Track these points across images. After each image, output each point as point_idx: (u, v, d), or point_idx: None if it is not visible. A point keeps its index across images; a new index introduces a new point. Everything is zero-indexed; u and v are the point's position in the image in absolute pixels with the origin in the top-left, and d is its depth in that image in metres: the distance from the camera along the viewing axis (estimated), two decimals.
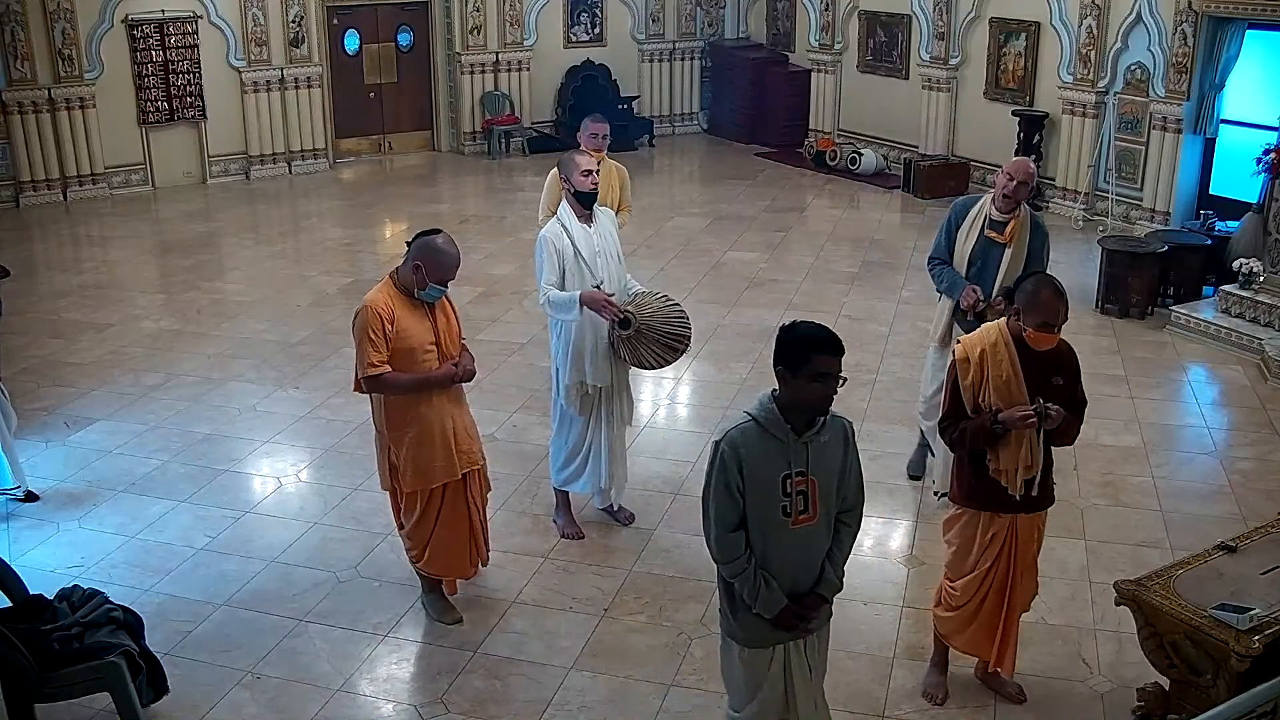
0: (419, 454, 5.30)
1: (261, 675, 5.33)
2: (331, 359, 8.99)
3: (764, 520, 3.86)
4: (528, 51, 16.48)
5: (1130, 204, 12.42)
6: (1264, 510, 6.58)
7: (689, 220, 13.23)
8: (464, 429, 5.43)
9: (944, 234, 6.46)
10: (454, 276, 5.24)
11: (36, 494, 6.90)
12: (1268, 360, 8.76)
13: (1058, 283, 4.72)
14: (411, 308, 5.22)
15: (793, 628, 3.96)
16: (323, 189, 14.90)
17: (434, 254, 5.14)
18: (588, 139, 7.44)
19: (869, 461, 7.27)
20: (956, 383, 4.80)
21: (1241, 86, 11.56)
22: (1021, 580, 4.96)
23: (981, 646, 5.08)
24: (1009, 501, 4.81)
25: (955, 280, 6.35)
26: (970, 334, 4.96)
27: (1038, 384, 4.73)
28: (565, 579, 6.12)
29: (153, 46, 14.12)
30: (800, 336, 3.82)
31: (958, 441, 4.82)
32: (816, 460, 3.88)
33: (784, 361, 3.83)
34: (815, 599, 3.98)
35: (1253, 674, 4.35)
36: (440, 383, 5.27)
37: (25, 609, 4.95)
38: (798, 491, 3.84)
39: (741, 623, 4.00)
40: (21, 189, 13.68)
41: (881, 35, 15.57)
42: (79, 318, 10.06)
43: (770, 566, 3.89)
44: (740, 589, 3.90)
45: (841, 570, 4.06)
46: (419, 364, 5.21)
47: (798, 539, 3.90)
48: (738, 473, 3.82)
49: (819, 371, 3.76)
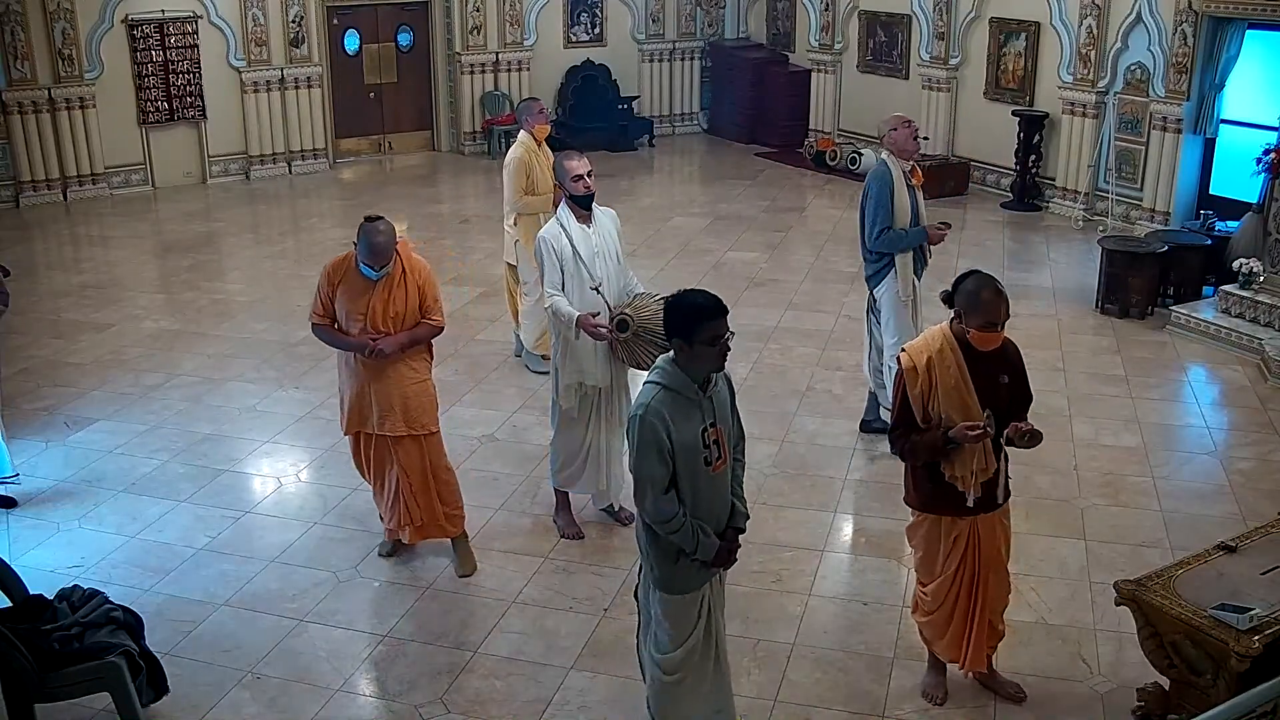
0: (342, 400, 6.10)
1: (261, 675, 5.34)
2: (331, 359, 8.89)
3: (692, 473, 4.21)
4: (528, 51, 16.48)
5: (1130, 204, 12.42)
6: (1264, 510, 6.58)
7: (689, 220, 13.23)
8: (385, 396, 5.85)
9: (888, 204, 7.06)
10: (377, 264, 5.66)
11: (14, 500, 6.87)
12: (1268, 360, 8.76)
13: (997, 281, 4.72)
14: (359, 279, 5.76)
15: (727, 563, 4.41)
16: (323, 189, 14.91)
17: (364, 237, 5.65)
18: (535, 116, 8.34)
19: (867, 462, 7.37)
20: (905, 394, 4.77)
21: (1241, 86, 11.56)
22: (991, 579, 4.94)
23: (954, 650, 5.07)
24: (966, 504, 4.81)
25: (913, 232, 7.15)
26: (914, 342, 4.94)
27: (985, 384, 4.71)
28: (565, 579, 6.12)
29: (153, 46, 14.12)
30: (688, 307, 4.17)
31: (909, 453, 4.82)
32: (719, 411, 4.31)
33: (679, 333, 4.16)
34: (734, 532, 4.40)
35: (1253, 674, 4.35)
36: (352, 349, 5.82)
37: (25, 609, 4.95)
38: (712, 442, 4.24)
39: (676, 573, 4.31)
40: (21, 189, 13.68)
41: (881, 35, 15.58)
42: (79, 318, 10.07)
43: (699, 513, 4.25)
44: (679, 542, 4.23)
45: (745, 499, 4.48)
46: (348, 328, 5.81)
47: (716, 484, 4.31)
48: (666, 437, 4.13)
49: (714, 335, 4.12)
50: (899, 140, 7.09)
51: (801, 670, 5.38)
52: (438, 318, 5.94)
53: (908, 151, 7.11)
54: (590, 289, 6.06)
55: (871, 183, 7.13)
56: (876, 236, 7.12)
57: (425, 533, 6.14)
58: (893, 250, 7.16)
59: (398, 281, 5.78)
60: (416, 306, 5.83)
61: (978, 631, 4.99)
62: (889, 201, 7.04)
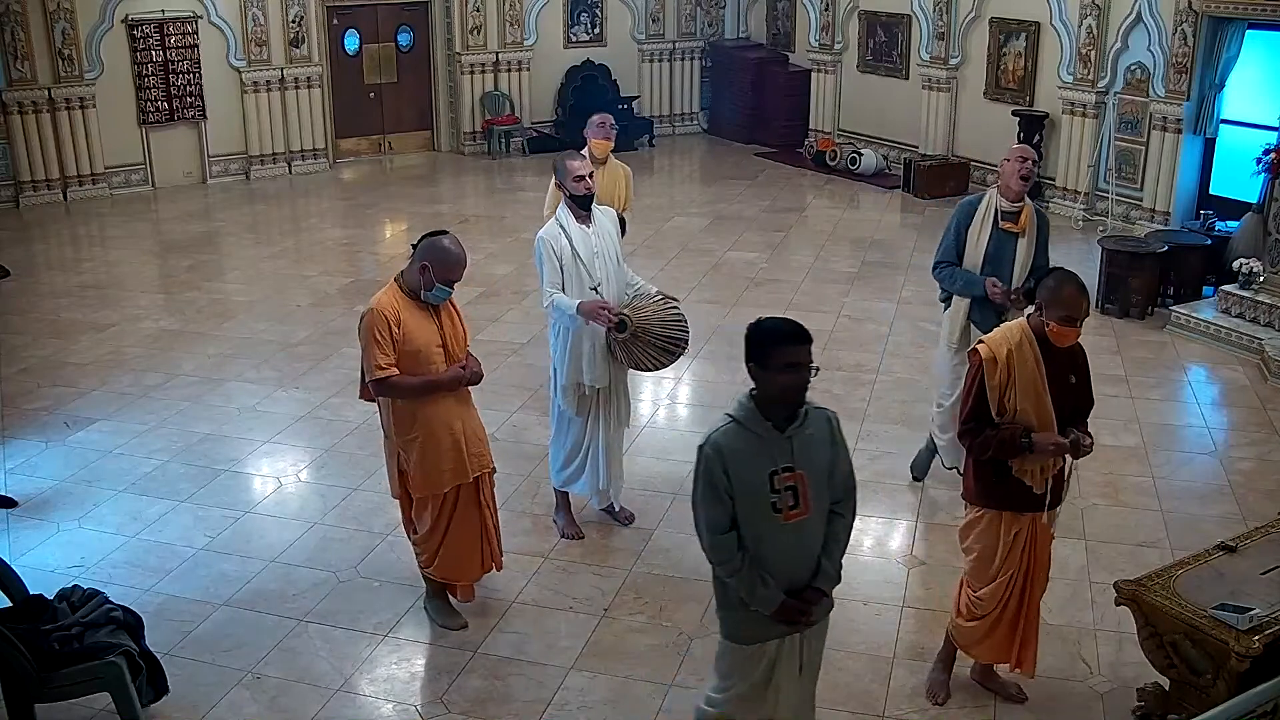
0: (427, 458, 5.27)
1: (261, 675, 5.33)
2: (331, 359, 8.99)
3: (755, 518, 3.86)
4: (528, 51, 16.48)
5: (1130, 204, 12.42)
6: (1264, 510, 6.58)
7: (689, 220, 13.23)
8: (473, 432, 5.40)
9: (952, 235, 6.42)
10: (461, 276, 5.22)
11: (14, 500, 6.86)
12: (1268, 360, 8.76)
13: (1079, 278, 4.70)
14: (418, 310, 5.19)
15: (794, 622, 3.97)
16: (323, 189, 14.91)
17: (441, 254, 5.12)
18: (594, 130, 7.41)
19: (868, 461, 7.34)
20: (982, 385, 4.72)
21: (1241, 86, 11.55)
22: (1039, 578, 4.93)
23: (1002, 652, 5.04)
24: (1031, 500, 4.78)
25: (971, 278, 6.33)
26: (992, 334, 4.88)
27: (1056, 384, 4.71)
28: (565, 579, 6.12)
29: (153, 46, 14.12)
30: (765, 331, 3.86)
31: (981, 448, 4.74)
32: (802, 454, 3.89)
33: (754, 358, 3.86)
34: (814, 593, 3.98)
35: (1253, 674, 4.35)
36: (448, 385, 5.25)
37: (25, 609, 4.95)
38: (786, 487, 3.85)
39: (738, 620, 4.00)
40: (21, 189, 13.68)
41: (881, 35, 15.57)
42: (79, 318, 10.06)
43: (766, 564, 3.89)
44: (737, 588, 3.91)
45: (839, 562, 4.05)
46: (426, 367, 5.18)
47: (791, 534, 3.90)
48: (723, 474, 3.83)
49: (788, 362, 3.79)
50: (1003, 173, 6.38)
51: None
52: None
53: (1008, 188, 6.32)
54: (589, 289, 6.05)
55: (958, 208, 6.51)
56: (934, 266, 6.51)
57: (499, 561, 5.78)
58: (947, 288, 6.51)
59: (451, 300, 5.35)
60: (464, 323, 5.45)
61: (1029, 631, 4.95)
62: (956, 232, 6.39)
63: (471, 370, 5.31)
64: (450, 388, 5.27)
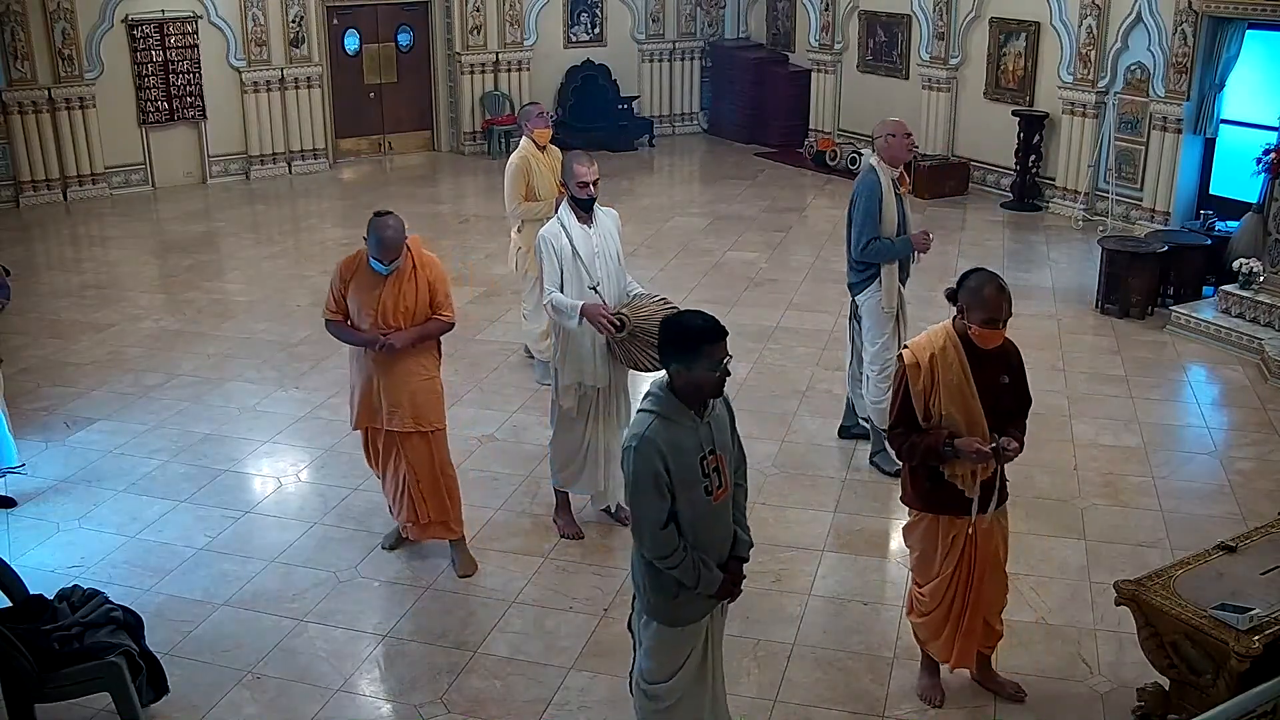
0: (353, 395, 6.08)
1: (261, 675, 5.34)
2: (332, 359, 8.98)
3: (692, 505, 4.01)
4: (528, 51, 16.47)
5: (1130, 204, 12.42)
6: (1264, 510, 6.58)
7: (689, 220, 13.23)
8: (389, 389, 5.88)
9: (876, 214, 6.90)
10: (386, 259, 5.68)
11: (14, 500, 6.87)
12: (1268, 360, 8.76)
13: (1000, 278, 4.70)
14: (370, 274, 5.80)
15: (731, 595, 4.21)
16: (323, 189, 14.91)
17: (373, 232, 5.68)
18: (535, 120, 8.32)
19: (862, 465, 7.34)
20: (906, 390, 4.74)
21: (1241, 86, 11.55)
22: (988, 580, 4.94)
23: (949, 650, 5.06)
24: (966, 503, 4.80)
25: (899, 242, 6.99)
26: (916, 339, 4.89)
27: (986, 384, 4.71)
28: (565, 579, 6.12)
29: (153, 46, 14.12)
30: (696, 330, 3.96)
31: (908, 453, 4.80)
32: (718, 436, 4.09)
33: (678, 357, 3.96)
34: (737, 562, 4.20)
35: (1253, 674, 4.35)
36: (364, 343, 5.85)
37: (25, 609, 4.95)
38: (713, 470, 4.04)
39: (675, 605, 4.12)
40: (21, 189, 13.68)
41: (881, 35, 15.57)
42: (79, 318, 10.06)
43: (701, 545, 4.06)
44: (680, 577, 4.04)
45: (748, 527, 4.29)
46: (359, 323, 5.85)
47: (718, 513, 4.12)
48: (664, 469, 3.93)
49: (718, 359, 3.94)
50: (893, 149, 6.90)
51: (801, 670, 5.38)
52: (448, 313, 5.98)
53: (899, 160, 6.96)
54: (589, 288, 6.05)
55: (859, 192, 6.94)
56: (863, 247, 6.93)
57: (430, 532, 6.16)
58: (880, 261, 6.97)
59: (408, 277, 5.82)
60: (427, 302, 5.87)
61: (967, 630, 4.98)
62: (877, 211, 6.87)
63: (386, 340, 5.76)
64: (365, 345, 5.86)
